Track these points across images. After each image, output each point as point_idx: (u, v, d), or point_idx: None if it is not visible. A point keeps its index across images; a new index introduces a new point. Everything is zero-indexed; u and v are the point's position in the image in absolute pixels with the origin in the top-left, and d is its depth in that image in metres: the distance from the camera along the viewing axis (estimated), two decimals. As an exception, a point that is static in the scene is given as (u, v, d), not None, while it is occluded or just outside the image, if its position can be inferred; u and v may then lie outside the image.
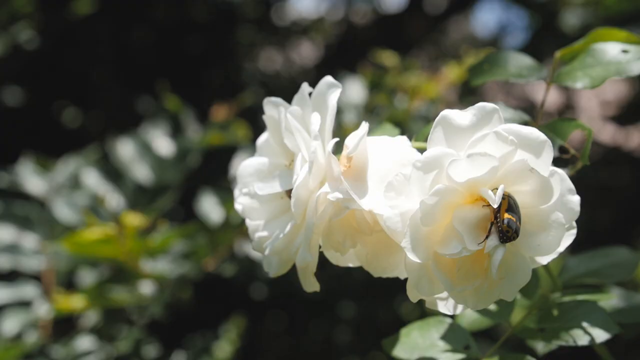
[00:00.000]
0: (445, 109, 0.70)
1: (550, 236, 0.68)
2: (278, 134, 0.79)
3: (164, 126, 1.84)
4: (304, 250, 0.73)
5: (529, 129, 0.67)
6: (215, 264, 1.69)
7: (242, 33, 3.20)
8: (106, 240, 1.50)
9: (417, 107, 1.79)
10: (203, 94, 2.78)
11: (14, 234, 1.72)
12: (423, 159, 0.67)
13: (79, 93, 2.89)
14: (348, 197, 0.70)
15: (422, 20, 3.42)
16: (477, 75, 0.96)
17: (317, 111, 0.75)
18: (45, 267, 1.69)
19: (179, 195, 1.79)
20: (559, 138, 0.83)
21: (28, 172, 1.82)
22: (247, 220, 0.80)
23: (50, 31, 2.69)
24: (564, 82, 0.90)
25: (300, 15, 3.60)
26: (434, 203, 0.66)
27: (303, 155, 0.73)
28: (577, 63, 0.90)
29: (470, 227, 0.67)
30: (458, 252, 0.66)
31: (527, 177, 0.67)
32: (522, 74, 0.94)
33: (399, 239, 0.67)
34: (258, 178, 0.80)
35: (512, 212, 0.66)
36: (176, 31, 3.01)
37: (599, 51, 0.89)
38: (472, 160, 0.66)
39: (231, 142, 1.79)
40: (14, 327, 1.64)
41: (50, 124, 2.81)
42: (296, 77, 3.43)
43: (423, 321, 0.88)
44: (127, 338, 1.70)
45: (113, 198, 1.74)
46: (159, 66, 2.93)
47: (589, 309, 0.81)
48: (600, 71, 0.87)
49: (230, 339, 1.77)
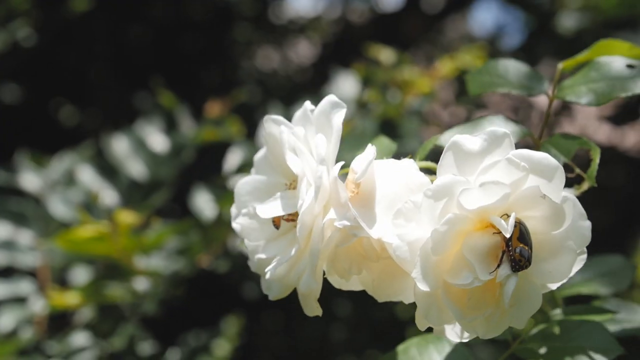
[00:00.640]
0: (456, 134, 0.69)
1: (562, 262, 0.67)
2: (278, 152, 0.77)
3: (159, 122, 1.84)
4: (309, 278, 0.71)
5: (540, 154, 0.67)
6: (208, 260, 1.69)
7: (239, 31, 3.20)
8: (100, 238, 1.50)
9: (410, 102, 1.79)
10: (200, 92, 2.78)
11: (9, 230, 1.72)
12: (434, 188, 0.66)
13: (76, 90, 2.89)
14: (356, 224, 0.69)
15: (419, 19, 3.42)
16: (477, 86, 0.95)
17: (320, 131, 0.73)
18: (41, 263, 1.70)
19: (173, 192, 1.79)
20: (563, 155, 0.81)
21: (23, 169, 1.83)
22: (246, 241, 0.78)
23: (48, 29, 2.69)
24: (567, 96, 0.88)
25: (298, 13, 3.60)
26: (445, 232, 0.65)
27: (308, 180, 0.71)
28: (580, 77, 0.89)
29: (481, 256, 0.66)
30: (469, 283, 0.65)
31: (538, 203, 0.66)
32: (524, 86, 0.93)
33: (407, 267, 0.67)
34: (256, 197, 0.79)
35: (523, 239, 0.65)
36: (173, 29, 3.02)
37: (604, 65, 0.88)
38: (484, 189, 0.65)
39: (225, 138, 1.79)
40: (10, 323, 1.64)
41: (47, 121, 2.82)
42: (293, 75, 3.43)
43: (421, 337, 0.86)
44: (121, 334, 1.70)
45: (107, 194, 1.74)
46: (156, 64, 2.93)
47: (591, 329, 0.79)
48: (606, 88, 0.85)
49: (229, 337, 1.77)
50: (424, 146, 0.84)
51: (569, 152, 0.81)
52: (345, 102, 1.82)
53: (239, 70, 3.13)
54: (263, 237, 0.77)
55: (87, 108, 2.86)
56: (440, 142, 0.86)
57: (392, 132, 1.71)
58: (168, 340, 1.82)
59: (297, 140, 0.73)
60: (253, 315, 2.34)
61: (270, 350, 2.57)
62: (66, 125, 2.77)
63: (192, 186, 1.74)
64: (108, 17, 2.88)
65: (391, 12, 3.47)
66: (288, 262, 0.73)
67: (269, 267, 0.73)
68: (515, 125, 0.87)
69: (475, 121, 0.89)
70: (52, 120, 2.81)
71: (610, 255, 1.03)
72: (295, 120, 0.76)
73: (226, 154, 1.75)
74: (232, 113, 1.90)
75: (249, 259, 0.78)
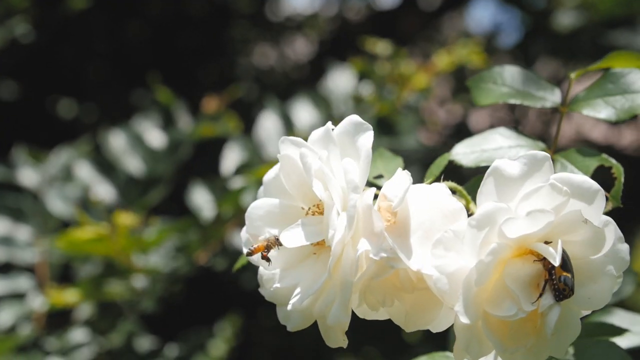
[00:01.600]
0: (496, 159, 0.67)
1: (601, 288, 0.66)
2: (295, 175, 0.72)
3: (156, 118, 1.84)
4: (339, 311, 0.67)
5: (580, 177, 0.65)
6: (206, 257, 1.69)
7: (236, 28, 3.20)
8: (99, 239, 1.50)
9: (407, 98, 1.79)
10: (197, 89, 2.78)
11: (7, 226, 1.72)
12: (478, 217, 0.64)
13: (74, 87, 2.89)
14: (394, 256, 0.66)
15: (416, 17, 3.42)
16: (483, 95, 0.91)
17: (345, 153, 0.70)
18: (39, 259, 1.70)
19: (171, 188, 1.79)
20: (582, 172, 0.78)
21: (21, 164, 1.83)
22: (261, 269, 0.73)
23: (46, 26, 2.69)
24: (583, 110, 0.85)
25: (295, 10, 3.60)
26: (489, 262, 0.63)
27: (337, 208, 0.67)
28: (596, 89, 0.85)
29: (523, 286, 0.64)
30: (514, 314, 0.64)
31: (579, 227, 0.64)
32: (535, 97, 0.89)
33: (448, 299, 0.65)
34: (270, 222, 0.73)
35: (566, 267, 0.63)
36: (171, 26, 3.02)
37: (620, 77, 0.84)
38: (529, 218, 0.64)
39: (222, 134, 1.79)
40: (8, 319, 1.64)
41: (45, 117, 2.82)
42: (290, 72, 3.43)
43: (429, 356, 0.84)
44: (120, 331, 1.70)
45: (104, 190, 1.74)
46: (153, 61, 2.93)
47: (606, 349, 0.78)
48: (625, 102, 0.82)
49: (225, 337, 1.77)
50: (437, 163, 0.82)
51: (588, 169, 0.79)
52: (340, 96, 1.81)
53: (236, 67, 3.13)
54: (280, 265, 0.72)
55: (84, 104, 2.86)
56: (452, 157, 0.84)
57: (389, 130, 1.71)
58: (166, 336, 1.82)
59: (323, 165, 0.69)
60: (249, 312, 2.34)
61: (266, 346, 2.58)
62: (64, 121, 2.77)
63: (190, 183, 1.75)
64: (106, 14, 2.88)
65: (388, 10, 3.46)
66: (314, 293, 0.68)
67: (292, 299, 0.69)
68: (528, 138, 0.85)
69: (486, 134, 0.86)
70: (49, 117, 2.81)
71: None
72: (315, 140, 0.72)
73: (223, 150, 1.75)
74: (229, 109, 1.90)
75: (260, 286, 0.74)
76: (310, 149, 0.70)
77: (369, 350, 2.46)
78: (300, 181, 0.72)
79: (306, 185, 0.70)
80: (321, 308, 0.69)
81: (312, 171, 0.69)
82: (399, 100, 1.75)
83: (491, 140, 0.85)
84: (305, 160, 0.69)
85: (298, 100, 1.80)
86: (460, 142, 0.86)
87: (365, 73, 1.79)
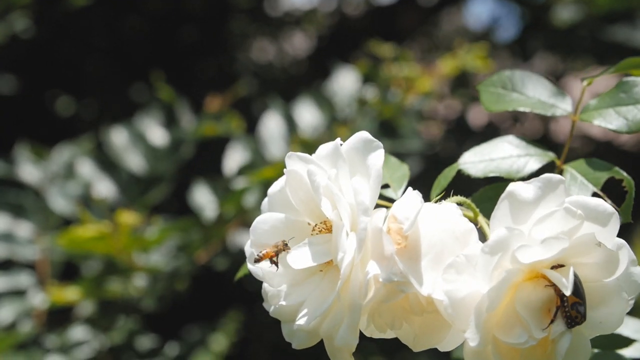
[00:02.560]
0: (511, 183, 0.66)
1: (613, 312, 0.65)
2: (302, 191, 0.71)
3: (158, 116, 1.84)
4: (347, 334, 0.66)
5: (596, 200, 0.65)
6: (207, 256, 1.69)
7: (235, 23, 3.19)
8: (101, 237, 1.50)
9: (411, 101, 1.78)
10: (196, 84, 2.78)
11: (8, 222, 1.72)
12: (491, 244, 0.63)
13: (74, 83, 2.88)
14: (404, 280, 0.64)
15: (414, 12, 3.42)
16: (492, 101, 0.88)
17: (353, 170, 0.69)
18: (40, 256, 1.70)
19: (173, 187, 1.79)
20: (592, 185, 0.77)
21: (23, 161, 1.82)
22: (266, 285, 0.72)
23: (46, 22, 2.69)
24: (594, 120, 0.82)
25: (293, 6, 3.59)
26: (500, 289, 0.62)
27: (346, 229, 0.66)
28: (607, 98, 0.83)
29: (534, 312, 0.63)
30: (524, 342, 0.63)
31: (592, 250, 0.63)
32: (545, 105, 0.86)
33: (458, 324, 0.64)
34: (275, 238, 0.71)
35: (578, 293, 0.62)
36: (170, 22, 3.01)
37: (632, 86, 0.82)
38: (544, 245, 0.63)
39: (225, 133, 1.78)
40: (9, 316, 1.64)
41: (44, 113, 2.81)
42: (288, 68, 3.43)
43: None
44: (121, 329, 1.70)
45: (106, 188, 1.74)
46: (152, 56, 2.93)
47: None
48: (638, 114, 0.79)
49: (226, 332, 1.77)
50: (445, 174, 0.81)
51: (598, 181, 0.77)
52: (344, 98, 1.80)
53: (235, 63, 3.12)
54: (286, 282, 0.71)
55: (83, 100, 2.85)
56: (460, 166, 0.83)
57: (392, 133, 1.71)
58: (167, 334, 1.82)
59: (331, 184, 0.67)
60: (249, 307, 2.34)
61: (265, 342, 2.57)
62: (63, 117, 2.77)
63: (192, 182, 1.74)
64: (105, 10, 2.87)
65: (387, 5, 3.46)
66: (322, 314, 0.67)
67: (300, 320, 0.68)
68: (537, 148, 0.84)
69: (494, 142, 0.85)
70: (48, 113, 2.80)
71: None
72: (323, 156, 0.70)
73: (226, 149, 1.75)
74: (231, 108, 1.89)
75: (265, 302, 0.73)
76: (318, 165, 0.69)
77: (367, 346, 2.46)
78: (307, 198, 0.71)
79: (313, 202, 0.69)
80: (328, 329, 0.68)
81: (321, 189, 0.67)
82: (403, 103, 1.75)
83: (500, 149, 0.84)
84: (314, 178, 0.68)
85: (301, 101, 1.79)
86: (469, 150, 0.84)
87: (370, 76, 1.79)
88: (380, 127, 1.70)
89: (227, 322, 1.79)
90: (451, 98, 2.70)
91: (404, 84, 1.76)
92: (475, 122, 2.89)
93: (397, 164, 0.86)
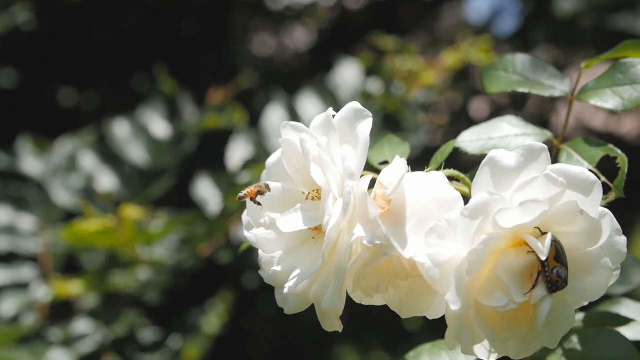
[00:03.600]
0: (493, 150, 0.67)
1: (597, 280, 0.65)
2: (297, 161, 0.73)
3: (161, 109, 1.83)
4: (333, 296, 0.68)
5: (577, 169, 0.65)
6: (210, 250, 1.69)
7: (236, 17, 3.19)
8: (104, 232, 1.50)
9: (414, 95, 1.78)
10: (196, 77, 2.78)
11: (11, 215, 1.72)
12: (471, 207, 0.64)
13: (75, 75, 2.88)
14: (387, 243, 0.65)
15: (415, 6, 3.42)
16: (493, 82, 0.90)
17: (344, 140, 0.70)
18: (43, 249, 1.69)
19: (176, 181, 1.78)
20: (587, 162, 0.79)
21: (25, 153, 1.82)
22: (260, 252, 0.73)
23: (47, 14, 2.68)
24: (591, 100, 0.84)
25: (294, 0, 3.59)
26: (481, 252, 0.63)
27: (334, 194, 0.67)
28: (605, 79, 0.85)
29: (515, 277, 0.64)
30: (504, 305, 0.63)
31: (575, 219, 0.64)
32: (545, 86, 0.88)
33: (440, 287, 0.65)
34: (271, 206, 0.74)
35: (560, 259, 0.63)
36: (171, 14, 3.00)
37: (630, 67, 0.83)
38: (523, 208, 0.63)
39: (227, 126, 1.78)
40: (12, 309, 1.64)
41: (46, 105, 2.81)
42: (289, 61, 3.42)
43: (433, 344, 0.84)
44: (124, 322, 1.70)
45: (108, 181, 1.74)
46: (153, 49, 2.92)
47: (611, 339, 0.78)
48: (633, 93, 0.82)
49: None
50: (442, 150, 0.81)
51: (594, 159, 0.79)
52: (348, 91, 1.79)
53: (236, 56, 3.12)
54: (279, 249, 0.72)
55: (84, 93, 2.85)
56: (457, 144, 0.84)
57: (396, 126, 1.71)
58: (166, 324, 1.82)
59: (321, 151, 0.69)
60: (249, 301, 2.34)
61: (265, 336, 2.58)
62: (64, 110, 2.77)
63: (195, 175, 1.74)
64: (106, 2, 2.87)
65: (388, -1, 3.46)
66: (310, 278, 0.69)
67: (289, 284, 0.70)
68: (536, 127, 0.85)
69: (493, 122, 0.86)
70: (50, 105, 2.80)
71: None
72: (316, 126, 0.72)
73: (228, 142, 1.74)
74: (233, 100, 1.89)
75: (260, 269, 0.75)
76: (310, 134, 0.71)
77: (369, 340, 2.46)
78: (301, 166, 0.72)
79: (306, 171, 0.71)
80: (316, 292, 0.69)
81: (311, 157, 0.69)
82: (407, 96, 1.74)
83: (498, 128, 0.86)
84: (305, 145, 0.70)
85: (305, 94, 1.79)
86: (467, 129, 0.86)
87: (373, 69, 1.78)
88: (384, 121, 1.69)
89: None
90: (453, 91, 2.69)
91: (408, 77, 1.75)
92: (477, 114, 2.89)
93: (399, 142, 0.88)
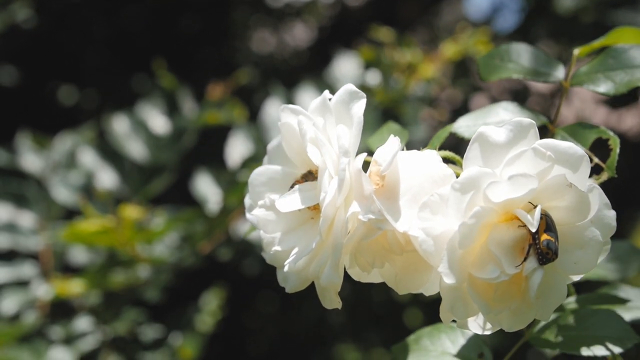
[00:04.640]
0: (482, 126, 0.68)
1: (587, 253, 0.66)
2: (295, 143, 0.75)
3: (160, 104, 1.83)
4: (331, 271, 0.69)
5: (565, 143, 0.66)
6: (210, 247, 1.68)
7: (236, 14, 3.19)
8: (104, 231, 1.49)
9: (413, 88, 1.78)
10: (196, 74, 2.77)
11: (11, 212, 1.71)
12: (461, 181, 0.65)
13: (74, 73, 2.88)
14: (381, 217, 0.67)
15: (415, 3, 3.41)
16: (489, 71, 0.92)
17: (340, 121, 0.72)
18: (43, 247, 1.69)
19: (175, 177, 1.78)
20: (581, 144, 0.79)
21: (25, 150, 1.81)
22: (262, 233, 0.75)
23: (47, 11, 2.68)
24: (583, 84, 0.86)
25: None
26: (472, 225, 0.64)
27: (330, 172, 0.70)
28: (597, 63, 0.87)
29: (507, 250, 0.65)
30: (496, 277, 0.65)
31: (564, 192, 0.65)
32: (539, 72, 0.90)
33: (433, 261, 0.66)
34: (271, 188, 0.76)
35: (549, 231, 0.65)
36: (170, 11, 3.00)
37: (621, 52, 0.86)
38: (512, 182, 0.65)
39: (227, 122, 1.78)
40: (13, 307, 1.64)
41: (46, 102, 2.81)
42: (289, 59, 3.42)
43: (433, 327, 0.86)
44: (125, 320, 1.70)
45: (108, 177, 1.73)
46: (153, 46, 2.92)
47: (606, 317, 0.79)
48: (625, 76, 0.83)
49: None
50: (439, 135, 0.82)
51: (587, 141, 0.80)
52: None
53: (236, 53, 3.11)
54: (280, 229, 0.74)
55: (84, 90, 2.85)
56: (454, 129, 0.85)
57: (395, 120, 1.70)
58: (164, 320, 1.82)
59: (317, 132, 0.71)
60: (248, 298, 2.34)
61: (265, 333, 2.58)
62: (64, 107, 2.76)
63: (194, 171, 1.73)
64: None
65: (387, -5, 3.45)
66: (308, 254, 0.70)
67: (288, 260, 0.71)
68: (531, 113, 0.86)
69: (489, 107, 0.88)
70: (50, 103, 2.80)
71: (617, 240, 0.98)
72: (313, 109, 0.74)
73: (228, 138, 1.74)
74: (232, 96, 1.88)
75: (263, 251, 0.77)
76: (307, 116, 0.73)
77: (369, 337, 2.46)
78: (300, 148, 0.74)
79: (305, 152, 0.72)
80: (315, 269, 0.71)
81: (308, 137, 0.71)
82: (406, 89, 1.74)
83: (494, 113, 0.87)
84: (302, 127, 0.72)
85: (303, 87, 1.78)
86: (465, 115, 0.88)
87: (372, 62, 1.78)
88: (382, 115, 1.69)
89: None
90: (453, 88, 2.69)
91: (407, 69, 1.75)
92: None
93: (399, 129, 0.90)
